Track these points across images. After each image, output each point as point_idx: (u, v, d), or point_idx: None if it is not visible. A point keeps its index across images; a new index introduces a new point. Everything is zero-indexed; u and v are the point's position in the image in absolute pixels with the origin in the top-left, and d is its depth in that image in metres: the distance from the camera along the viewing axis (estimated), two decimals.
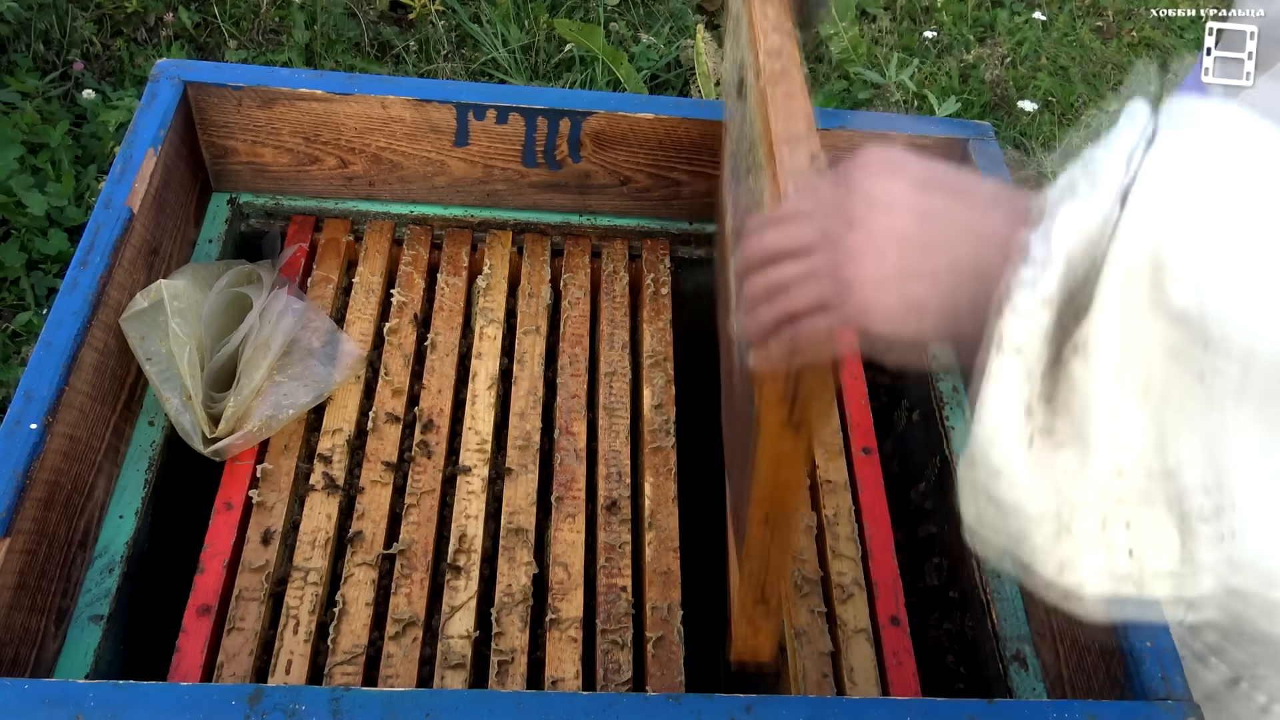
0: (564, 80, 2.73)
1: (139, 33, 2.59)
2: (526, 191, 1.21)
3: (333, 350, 1.05)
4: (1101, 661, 0.84)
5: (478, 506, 0.99)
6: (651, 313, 1.17)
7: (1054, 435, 0.42)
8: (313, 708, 0.69)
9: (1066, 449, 0.41)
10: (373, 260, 1.17)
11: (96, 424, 0.92)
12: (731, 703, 0.72)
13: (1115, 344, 0.39)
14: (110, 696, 0.69)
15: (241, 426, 0.97)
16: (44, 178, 2.14)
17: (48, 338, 0.88)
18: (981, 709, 0.74)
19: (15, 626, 0.79)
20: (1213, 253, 0.37)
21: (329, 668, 0.88)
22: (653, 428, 1.07)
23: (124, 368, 0.97)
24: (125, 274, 0.97)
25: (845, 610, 0.95)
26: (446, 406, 1.06)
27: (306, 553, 0.94)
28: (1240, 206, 0.38)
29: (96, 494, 0.91)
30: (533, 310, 1.16)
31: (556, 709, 0.71)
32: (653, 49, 2.81)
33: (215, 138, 1.14)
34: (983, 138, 1.18)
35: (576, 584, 0.95)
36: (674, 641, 0.92)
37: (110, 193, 0.98)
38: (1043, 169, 2.80)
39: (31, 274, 2.04)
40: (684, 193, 1.22)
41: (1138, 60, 3.24)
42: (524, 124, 1.14)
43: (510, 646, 0.90)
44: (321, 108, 1.12)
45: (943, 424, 1.10)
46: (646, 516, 1.00)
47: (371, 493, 0.99)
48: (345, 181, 1.19)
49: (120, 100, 2.34)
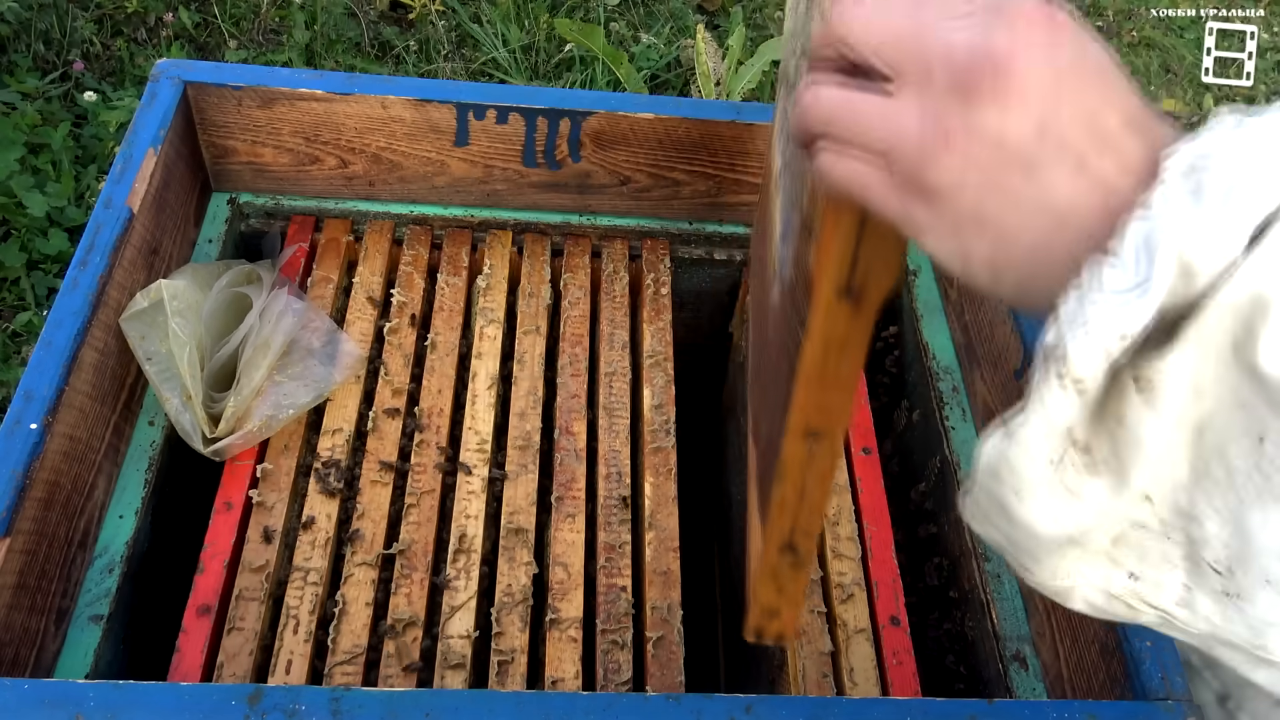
0: (564, 80, 2.73)
1: (139, 33, 2.59)
2: (526, 191, 1.21)
3: (333, 350, 1.05)
4: (1101, 661, 0.84)
5: (478, 506, 0.99)
6: (651, 313, 1.17)
7: (1090, 455, 0.38)
8: (313, 708, 0.69)
9: (1101, 477, 0.38)
10: (373, 260, 1.17)
11: (96, 424, 0.92)
12: (731, 703, 0.72)
13: (1188, 388, 0.35)
14: (110, 696, 0.69)
15: (241, 426, 0.97)
16: (44, 178, 2.14)
17: (48, 338, 0.88)
18: (981, 709, 0.74)
19: (15, 626, 0.79)
20: None
21: (329, 668, 0.88)
22: (653, 428, 1.07)
23: (124, 368, 0.97)
24: (125, 274, 0.97)
25: (845, 610, 0.95)
26: (446, 406, 1.06)
27: (306, 553, 0.94)
28: None
29: (96, 494, 0.91)
30: (533, 310, 1.16)
31: (556, 709, 0.71)
32: (653, 49, 2.81)
33: (215, 138, 1.14)
34: None
35: (576, 584, 0.95)
36: (674, 641, 0.92)
37: (110, 193, 0.98)
38: None
39: (31, 274, 2.04)
40: (684, 193, 1.22)
41: (1138, 60, 3.24)
42: (524, 124, 1.14)
43: (510, 646, 0.90)
44: (321, 108, 1.12)
45: (943, 424, 1.10)
46: (646, 516, 1.00)
47: (371, 493, 0.99)
48: (345, 181, 1.19)
49: (120, 100, 2.34)
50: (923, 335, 1.18)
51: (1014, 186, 0.38)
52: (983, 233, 0.39)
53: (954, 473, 1.06)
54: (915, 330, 1.20)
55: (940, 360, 1.16)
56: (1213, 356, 0.35)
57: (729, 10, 3.03)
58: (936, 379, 1.14)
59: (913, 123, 0.39)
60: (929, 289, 1.22)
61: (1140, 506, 0.38)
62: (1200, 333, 0.34)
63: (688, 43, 2.80)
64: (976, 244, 0.40)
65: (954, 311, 1.18)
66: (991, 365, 1.07)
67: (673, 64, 2.83)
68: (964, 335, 1.14)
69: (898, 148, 0.39)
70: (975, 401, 1.10)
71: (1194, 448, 0.36)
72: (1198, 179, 0.34)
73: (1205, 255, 0.33)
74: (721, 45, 2.78)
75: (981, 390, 1.09)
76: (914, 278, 1.23)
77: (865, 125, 0.40)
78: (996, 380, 1.06)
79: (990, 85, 0.37)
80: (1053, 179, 0.38)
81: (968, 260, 0.40)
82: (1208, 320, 0.34)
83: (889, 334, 1.28)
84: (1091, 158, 0.37)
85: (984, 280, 0.41)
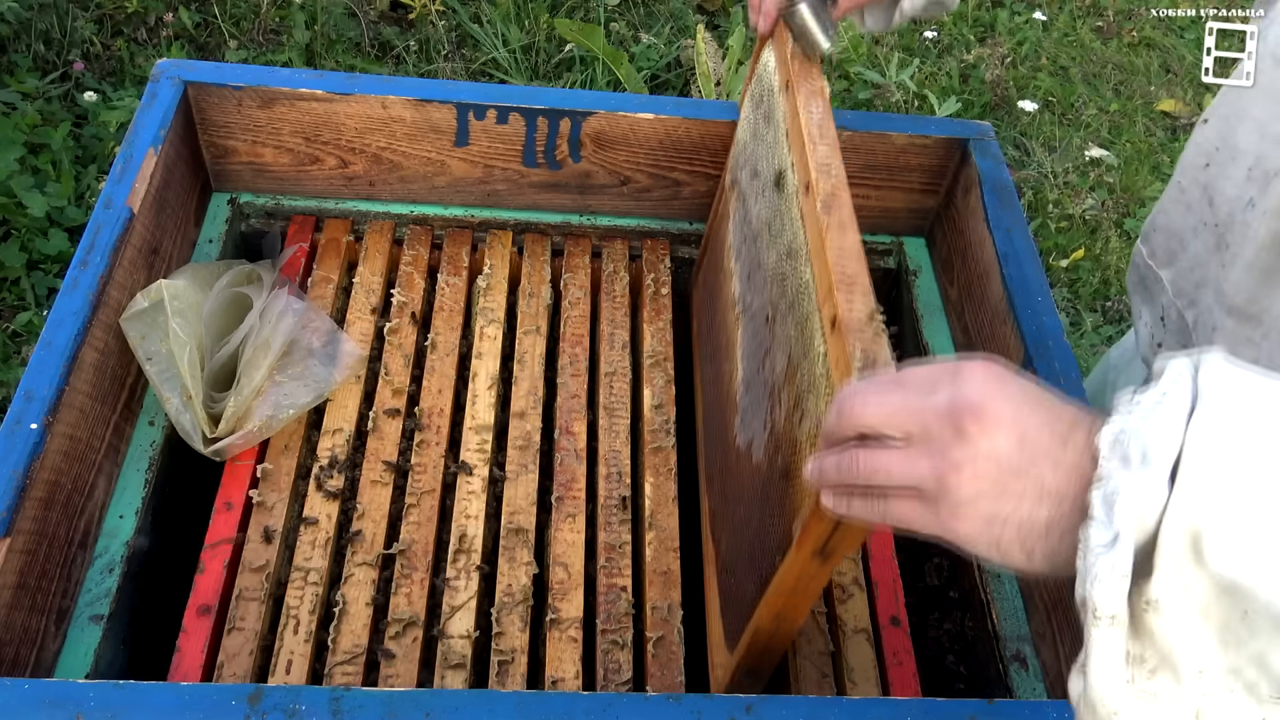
0: (564, 80, 2.73)
1: (139, 33, 2.59)
2: (526, 191, 1.21)
3: (333, 350, 1.05)
4: None
5: (478, 506, 0.99)
6: (651, 313, 1.17)
7: (1146, 664, 0.50)
8: (313, 708, 0.69)
9: (1160, 675, 0.49)
10: (373, 260, 1.17)
11: (96, 424, 0.92)
12: (731, 703, 0.72)
13: (1179, 594, 0.47)
14: (110, 696, 0.69)
15: (241, 426, 0.97)
16: (44, 178, 2.14)
17: (48, 338, 0.88)
18: (981, 709, 0.74)
19: (15, 626, 0.79)
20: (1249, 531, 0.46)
21: (329, 668, 0.88)
22: (653, 428, 1.07)
23: (124, 368, 0.97)
24: (125, 274, 0.97)
25: (845, 610, 0.95)
26: (447, 406, 1.06)
27: (306, 553, 0.94)
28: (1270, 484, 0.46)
29: (96, 494, 0.91)
30: (533, 310, 1.16)
31: (556, 709, 0.71)
32: (653, 49, 2.81)
33: (215, 138, 1.14)
34: (983, 138, 1.18)
35: (576, 584, 0.95)
36: (674, 641, 0.92)
37: (110, 193, 0.98)
38: (1043, 169, 2.80)
39: (32, 274, 2.04)
40: (684, 193, 1.22)
41: (1138, 60, 3.24)
42: (524, 124, 1.14)
43: (510, 646, 0.90)
44: (322, 108, 1.12)
45: None
46: (646, 516, 1.00)
47: (372, 493, 0.99)
48: (345, 181, 1.19)
49: (120, 100, 2.34)
50: (923, 335, 1.18)
51: (1016, 486, 0.52)
52: (1005, 526, 0.52)
53: None
54: (915, 330, 1.20)
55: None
56: (1184, 568, 0.47)
57: (729, 10, 3.03)
58: None
59: (928, 464, 0.53)
60: (929, 289, 1.22)
61: (1200, 681, 0.49)
62: (1166, 557, 0.47)
63: (688, 43, 2.80)
64: (1004, 534, 0.53)
65: (954, 311, 1.18)
66: None
67: (673, 64, 2.83)
68: (964, 335, 1.14)
69: (924, 483, 0.54)
70: None
71: (1208, 626, 0.48)
72: (1123, 450, 0.49)
73: (1144, 504, 0.47)
74: (721, 45, 2.78)
75: None
76: (914, 278, 1.23)
77: (897, 474, 0.55)
78: None
79: (975, 423, 0.52)
80: (1040, 474, 0.52)
81: (1003, 549, 0.53)
82: (1167, 547, 0.47)
83: (889, 334, 1.28)
84: (1058, 453, 0.52)
85: (1020, 560, 0.53)
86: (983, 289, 1.11)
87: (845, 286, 0.74)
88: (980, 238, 1.12)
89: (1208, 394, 0.49)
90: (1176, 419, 0.48)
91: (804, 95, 0.90)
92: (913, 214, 1.25)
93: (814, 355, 0.77)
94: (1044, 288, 1.05)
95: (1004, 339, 1.05)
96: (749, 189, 1.03)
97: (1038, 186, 2.77)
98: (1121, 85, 3.17)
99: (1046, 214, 2.69)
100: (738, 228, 1.05)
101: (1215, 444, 0.47)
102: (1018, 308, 1.03)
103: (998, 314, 1.07)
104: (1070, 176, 2.81)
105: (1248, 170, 0.88)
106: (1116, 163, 2.87)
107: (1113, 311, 2.51)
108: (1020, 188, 2.75)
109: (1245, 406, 0.48)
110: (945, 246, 1.22)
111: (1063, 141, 2.91)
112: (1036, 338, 1.00)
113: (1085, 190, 2.78)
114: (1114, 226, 2.67)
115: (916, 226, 1.27)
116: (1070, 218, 2.69)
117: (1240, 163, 0.90)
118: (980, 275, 1.11)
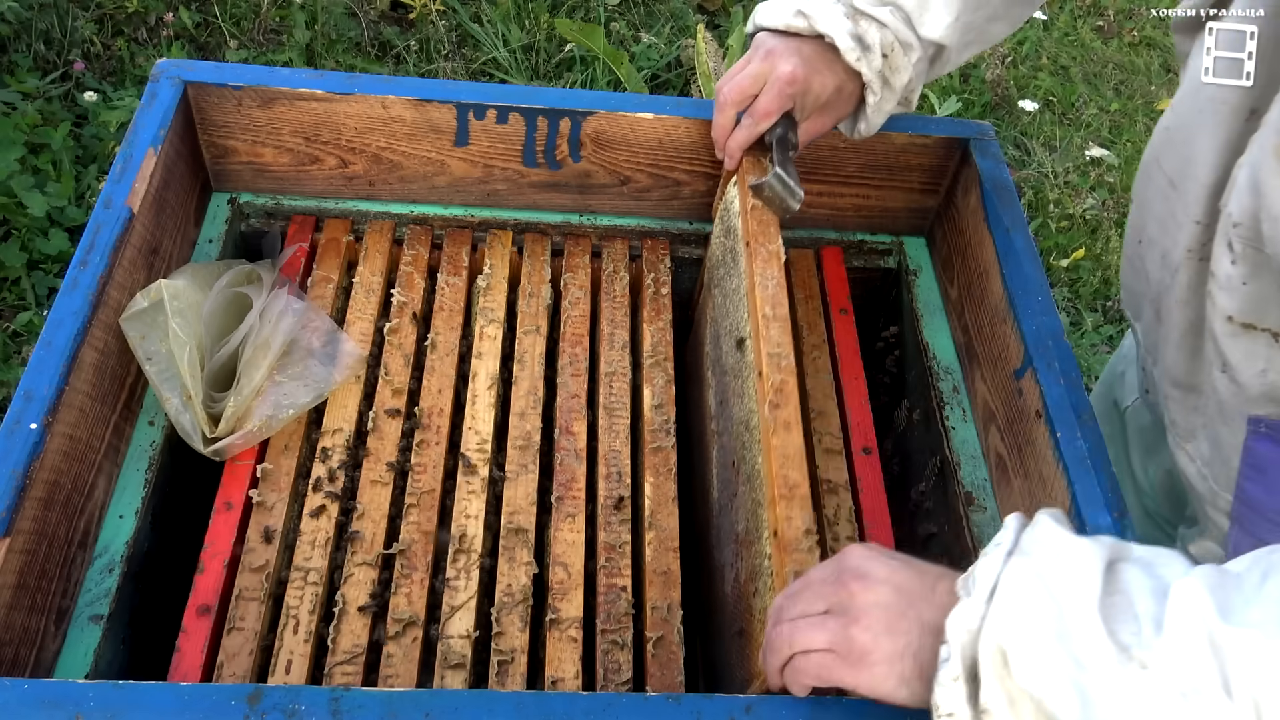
0: (564, 80, 2.73)
1: (139, 33, 2.59)
2: (526, 191, 1.21)
3: (333, 350, 1.05)
4: None
5: (478, 506, 0.99)
6: (651, 313, 1.17)
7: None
8: (313, 708, 0.69)
9: None
10: (373, 260, 1.17)
11: (96, 424, 0.92)
12: (731, 703, 0.72)
13: (1006, 705, 0.60)
14: (110, 696, 0.69)
15: (241, 426, 0.97)
16: (44, 178, 2.14)
17: (48, 337, 0.88)
18: None
19: (15, 626, 0.79)
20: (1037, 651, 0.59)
21: (329, 668, 0.88)
22: (653, 428, 1.07)
23: (124, 368, 0.97)
24: (125, 274, 0.97)
25: None
26: (446, 406, 1.06)
27: (306, 553, 0.94)
28: (1054, 617, 0.59)
29: (96, 494, 0.91)
30: (533, 310, 1.16)
31: (556, 709, 0.71)
32: (653, 49, 2.81)
33: (215, 137, 1.14)
34: (983, 138, 1.18)
35: (576, 584, 0.95)
36: (674, 641, 0.92)
37: (110, 193, 0.98)
38: (1043, 169, 2.80)
39: (32, 274, 2.04)
40: (684, 193, 1.22)
41: (1138, 60, 3.24)
42: (524, 124, 1.14)
43: (510, 646, 0.90)
44: (322, 108, 1.12)
45: (943, 424, 1.10)
46: (646, 516, 1.00)
47: (371, 493, 0.99)
48: (345, 181, 1.19)
49: (121, 100, 2.34)
50: (923, 335, 1.18)
51: (902, 625, 0.66)
52: (904, 659, 0.65)
53: (954, 473, 1.06)
54: (915, 330, 1.20)
55: (940, 360, 1.16)
56: (1000, 678, 0.60)
57: (729, 10, 3.03)
58: (937, 379, 1.14)
59: (835, 623, 0.68)
60: (929, 289, 1.22)
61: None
62: (985, 669, 0.60)
63: (688, 43, 2.80)
64: (905, 668, 0.65)
65: (954, 311, 1.18)
66: (991, 365, 1.07)
67: (673, 64, 2.83)
68: (964, 335, 1.14)
69: (834, 641, 0.67)
70: (975, 401, 1.10)
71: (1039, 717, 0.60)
72: (966, 585, 0.64)
73: (966, 622, 0.62)
74: (722, 45, 2.78)
75: (981, 390, 1.09)
76: (914, 277, 1.23)
77: (814, 639, 0.68)
78: (996, 380, 1.06)
79: (858, 582, 0.68)
80: (919, 612, 0.66)
81: (908, 681, 0.65)
82: (984, 660, 0.60)
83: (889, 334, 1.28)
84: (929, 595, 0.66)
85: (923, 693, 0.64)
86: (983, 289, 1.11)
87: (785, 499, 0.80)
88: (980, 237, 1.12)
89: (1025, 545, 0.64)
90: (997, 561, 0.63)
91: (760, 261, 0.94)
92: (913, 213, 1.25)
93: (762, 547, 0.85)
94: (1044, 287, 1.05)
95: (1004, 339, 1.05)
96: (720, 311, 1.07)
97: (1038, 186, 2.77)
98: (1122, 85, 3.17)
99: (1047, 214, 2.69)
100: (713, 341, 1.09)
101: (1018, 582, 0.61)
102: (1018, 307, 1.03)
103: (998, 314, 1.07)
104: (1071, 176, 2.81)
105: (1161, 258, 0.93)
106: (1117, 162, 2.87)
107: (1113, 311, 2.51)
108: (1020, 187, 2.74)
109: (1050, 558, 0.62)
110: (945, 246, 1.22)
111: (1063, 141, 2.91)
112: (1036, 338, 1.00)
113: (1086, 190, 2.78)
114: (1114, 226, 2.67)
115: (916, 226, 1.27)
116: (1071, 217, 2.69)
117: (1155, 249, 0.94)
118: (980, 275, 1.11)
